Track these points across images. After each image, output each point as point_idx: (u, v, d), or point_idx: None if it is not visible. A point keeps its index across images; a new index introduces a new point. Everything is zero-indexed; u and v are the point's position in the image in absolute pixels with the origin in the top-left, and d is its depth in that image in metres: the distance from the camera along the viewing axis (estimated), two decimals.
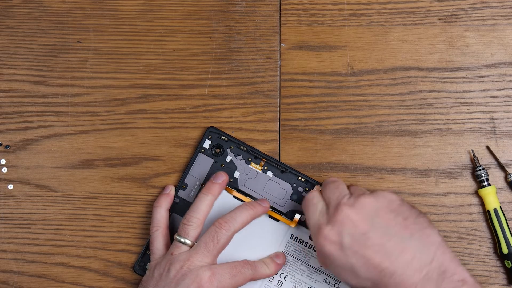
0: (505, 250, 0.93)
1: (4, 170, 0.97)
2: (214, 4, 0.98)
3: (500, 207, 0.93)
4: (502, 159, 0.95)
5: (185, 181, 0.96)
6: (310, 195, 0.88)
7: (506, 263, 0.93)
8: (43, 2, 0.99)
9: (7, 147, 0.97)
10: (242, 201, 0.94)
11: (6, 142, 0.98)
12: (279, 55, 0.97)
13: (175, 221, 0.95)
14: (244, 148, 0.96)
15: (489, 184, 0.94)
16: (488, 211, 0.94)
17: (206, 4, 0.98)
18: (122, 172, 0.97)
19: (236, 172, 0.96)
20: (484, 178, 0.94)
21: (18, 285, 0.97)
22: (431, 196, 0.95)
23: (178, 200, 0.96)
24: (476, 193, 0.95)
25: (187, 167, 0.96)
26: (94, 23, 0.98)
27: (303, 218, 0.94)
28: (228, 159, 0.96)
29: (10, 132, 0.98)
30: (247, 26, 0.98)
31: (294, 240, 0.94)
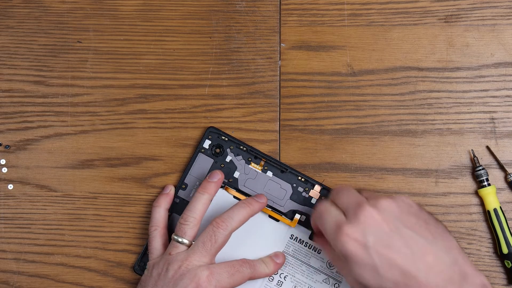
0: (505, 250, 0.93)
1: (4, 170, 0.97)
2: (214, 4, 0.98)
3: (500, 207, 0.93)
4: (502, 159, 0.95)
5: (185, 181, 0.96)
6: (321, 206, 0.87)
7: (506, 263, 0.93)
8: (43, 2, 0.99)
9: (7, 147, 0.98)
10: None
11: (6, 142, 0.98)
12: (279, 55, 0.97)
13: (175, 221, 0.95)
14: (244, 148, 0.96)
15: (489, 184, 0.94)
16: (488, 211, 0.93)
17: (206, 4, 0.98)
18: (122, 172, 0.97)
19: (236, 172, 0.96)
20: (484, 178, 0.94)
21: (18, 285, 0.97)
22: (431, 196, 0.95)
23: (178, 200, 0.96)
24: (476, 193, 0.95)
25: (187, 167, 0.96)
26: (94, 23, 0.98)
27: (303, 218, 0.94)
28: (228, 159, 0.96)
29: (10, 132, 0.98)
30: (247, 26, 0.98)
31: (294, 240, 0.94)
